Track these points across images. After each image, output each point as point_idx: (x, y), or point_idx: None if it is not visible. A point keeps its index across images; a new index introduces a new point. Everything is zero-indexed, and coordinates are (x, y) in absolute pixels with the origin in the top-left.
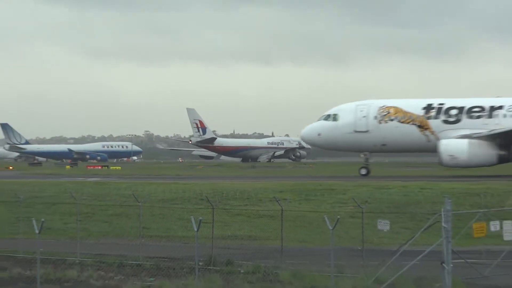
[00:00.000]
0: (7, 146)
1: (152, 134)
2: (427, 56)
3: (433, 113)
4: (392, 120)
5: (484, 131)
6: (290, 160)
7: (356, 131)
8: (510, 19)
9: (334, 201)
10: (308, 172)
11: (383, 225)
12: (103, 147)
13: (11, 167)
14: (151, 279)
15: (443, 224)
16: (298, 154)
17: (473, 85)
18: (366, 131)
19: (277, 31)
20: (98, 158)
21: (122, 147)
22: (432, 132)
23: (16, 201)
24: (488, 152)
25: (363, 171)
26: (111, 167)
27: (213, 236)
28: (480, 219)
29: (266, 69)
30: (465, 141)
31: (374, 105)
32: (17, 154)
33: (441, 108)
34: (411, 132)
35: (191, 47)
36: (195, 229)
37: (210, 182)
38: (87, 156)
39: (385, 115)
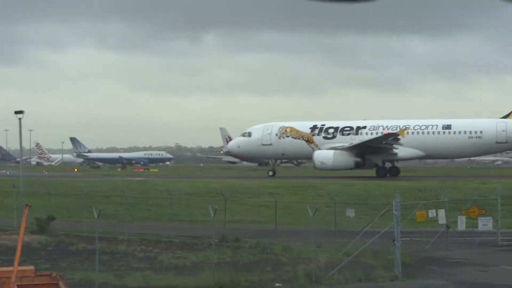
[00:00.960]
0: (74, 154)
1: (180, 145)
2: (376, 89)
3: (316, 131)
4: (288, 136)
5: (346, 144)
6: (292, 165)
7: (263, 144)
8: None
9: (315, 195)
10: (296, 173)
11: (350, 212)
12: (145, 154)
13: (76, 169)
14: (180, 252)
15: (394, 212)
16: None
17: (409, 110)
18: (270, 144)
19: (270, 70)
20: (141, 163)
21: (159, 154)
22: (316, 145)
23: (81, 194)
24: (347, 159)
25: (271, 173)
26: (151, 170)
27: (225, 220)
28: (421, 208)
29: (262, 98)
30: (331, 151)
31: (276, 125)
32: (82, 160)
33: (322, 127)
34: (301, 145)
35: (208, 82)
36: (212, 215)
37: (223, 181)
38: (133, 162)
39: (283, 132)
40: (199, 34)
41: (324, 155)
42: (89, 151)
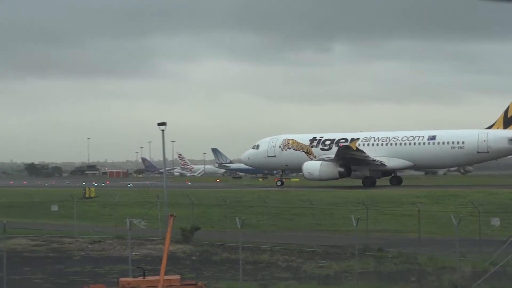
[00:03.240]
0: (216, 164)
1: None
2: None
3: (315, 143)
4: (289, 148)
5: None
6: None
7: (268, 156)
8: None
9: (457, 204)
10: (438, 182)
11: (495, 221)
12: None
13: (218, 180)
14: (323, 261)
15: None
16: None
17: None
18: (274, 156)
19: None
20: (281, 173)
21: None
22: (315, 156)
23: (224, 204)
24: (332, 170)
25: (279, 183)
26: (291, 180)
27: (367, 230)
28: None
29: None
30: (318, 162)
31: (280, 138)
32: (223, 170)
33: (320, 140)
34: (302, 156)
35: (338, 91)
36: (354, 225)
37: (364, 191)
38: (274, 172)
39: (285, 145)
40: (328, 44)
41: (312, 166)
42: (231, 162)
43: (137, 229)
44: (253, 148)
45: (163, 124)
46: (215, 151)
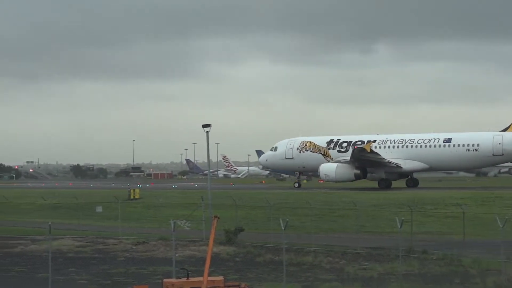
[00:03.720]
0: (260, 166)
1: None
2: None
3: (332, 145)
4: (307, 150)
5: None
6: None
7: (286, 158)
8: None
9: (503, 205)
10: (480, 184)
11: None
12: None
13: (263, 181)
14: (366, 263)
15: None
16: None
17: None
18: (292, 158)
19: (443, 79)
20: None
21: None
22: (332, 158)
23: (268, 206)
24: (348, 172)
25: (296, 185)
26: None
27: (412, 232)
28: None
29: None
30: (335, 165)
31: (297, 140)
32: (268, 172)
33: (337, 142)
34: (319, 158)
35: (381, 92)
36: (399, 226)
37: (408, 192)
38: (318, 173)
39: (303, 147)
40: (371, 45)
41: (328, 168)
42: None
43: (181, 231)
44: (271, 150)
45: (208, 125)
46: (259, 152)
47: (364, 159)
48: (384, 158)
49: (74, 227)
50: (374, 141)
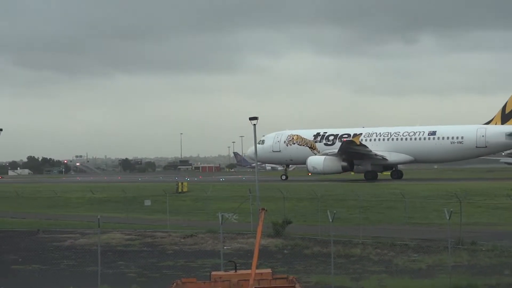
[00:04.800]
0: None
1: None
2: None
3: (318, 138)
4: (294, 143)
5: (335, 150)
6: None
7: (273, 151)
8: None
9: None
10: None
11: None
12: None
13: (310, 173)
14: (415, 255)
15: None
16: None
17: None
18: (279, 151)
19: (487, 69)
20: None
21: None
22: (318, 151)
23: (315, 198)
24: (336, 164)
25: (283, 177)
26: (383, 173)
27: (460, 223)
28: None
29: (481, 97)
30: (322, 157)
31: (285, 134)
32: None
33: (324, 135)
34: (306, 151)
35: (425, 82)
36: (447, 218)
37: (457, 183)
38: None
39: (290, 140)
40: (414, 36)
41: (316, 161)
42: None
43: (229, 223)
44: (259, 143)
45: (255, 118)
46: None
47: (351, 152)
48: (371, 151)
49: (123, 220)
50: (360, 134)
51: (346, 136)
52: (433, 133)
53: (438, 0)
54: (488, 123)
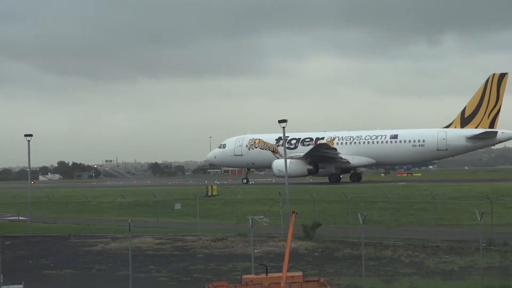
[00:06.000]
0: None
1: None
2: None
3: (281, 142)
4: (256, 147)
5: (301, 154)
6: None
7: (235, 155)
8: None
9: None
10: None
11: None
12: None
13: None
14: (447, 256)
15: None
16: None
17: None
18: (241, 155)
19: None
20: (404, 167)
21: None
22: (281, 155)
23: (346, 200)
24: (301, 167)
25: (244, 181)
26: (414, 174)
27: (492, 224)
28: None
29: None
30: (288, 160)
31: (246, 138)
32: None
33: (286, 139)
34: (268, 155)
35: (450, 83)
36: (478, 219)
37: (488, 184)
38: (396, 167)
39: (252, 144)
40: (438, 36)
41: (281, 163)
42: None
43: (259, 226)
44: (219, 147)
45: (284, 121)
46: None
47: (317, 155)
48: (339, 154)
49: (153, 224)
50: (323, 138)
51: (309, 140)
52: (395, 136)
53: (463, 0)
54: (447, 126)
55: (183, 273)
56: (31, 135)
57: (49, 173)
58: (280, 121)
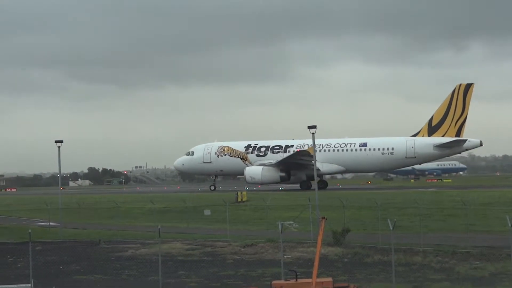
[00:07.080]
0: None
1: (474, 155)
2: None
3: (250, 150)
4: (225, 155)
5: (273, 161)
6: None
7: (204, 162)
8: None
9: None
10: None
11: None
12: (438, 165)
13: (369, 182)
14: (477, 262)
15: None
16: None
17: None
18: (210, 162)
19: None
20: (434, 173)
21: (452, 165)
22: (250, 162)
23: (375, 206)
24: (274, 174)
25: (212, 188)
26: (444, 180)
27: None
28: None
29: None
30: (260, 167)
31: (215, 145)
32: (374, 172)
33: (255, 147)
34: (237, 162)
35: (477, 91)
36: (509, 225)
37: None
38: (426, 173)
39: (221, 151)
40: (464, 43)
41: (254, 171)
42: None
43: (289, 232)
44: (187, 154)
45: (314, 127)
46: None
47: (289, 162)
48: (311, 161)
49: (183, 230)
50: (292, 146)
51: (278, 147)
52: (364, 144)
53: (489, 7)
54: (415, 135)
55: (213, 279)
56: (61, 141)
57: (79, 179)
58: (309, 127)
